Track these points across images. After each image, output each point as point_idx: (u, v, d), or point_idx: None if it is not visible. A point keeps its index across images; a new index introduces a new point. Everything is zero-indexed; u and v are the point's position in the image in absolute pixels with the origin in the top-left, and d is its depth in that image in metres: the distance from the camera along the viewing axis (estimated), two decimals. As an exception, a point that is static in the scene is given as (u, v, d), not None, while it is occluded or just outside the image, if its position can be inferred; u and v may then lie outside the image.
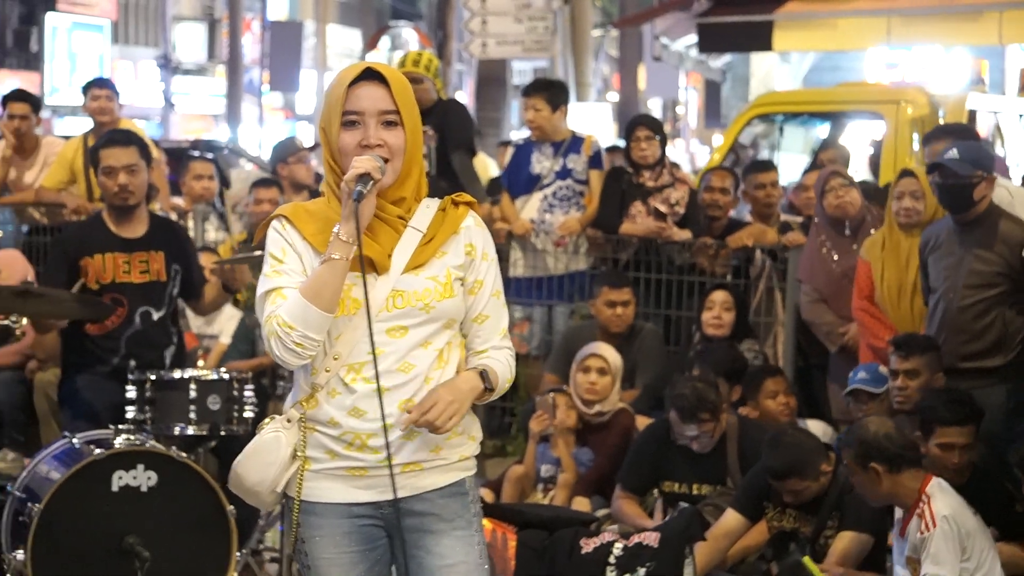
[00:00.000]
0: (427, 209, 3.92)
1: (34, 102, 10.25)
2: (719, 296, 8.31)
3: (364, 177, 3.75)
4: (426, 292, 3.87)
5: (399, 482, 3.88)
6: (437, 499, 3.96)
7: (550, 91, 9.41)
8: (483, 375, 3.92)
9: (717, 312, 8.24)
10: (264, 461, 3.90)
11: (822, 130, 12.99)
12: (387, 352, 3.85)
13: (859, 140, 12.11)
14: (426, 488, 3.95)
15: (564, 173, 9.26)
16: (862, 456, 5.85)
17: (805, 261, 8.09)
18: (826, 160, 10.74)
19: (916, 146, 10.93)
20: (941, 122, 10.48)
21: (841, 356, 7.75)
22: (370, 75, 3.85)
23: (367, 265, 3.81)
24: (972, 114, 11.14)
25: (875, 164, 11.25)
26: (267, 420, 3.98)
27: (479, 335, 3.99)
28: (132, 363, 6.67)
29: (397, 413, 3.86)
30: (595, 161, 9.30)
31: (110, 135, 7.14)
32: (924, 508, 5.76)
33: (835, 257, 7.88)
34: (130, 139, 6.98)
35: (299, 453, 3.90)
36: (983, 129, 11.24)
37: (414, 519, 3.95)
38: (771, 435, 6.54)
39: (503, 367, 3.98)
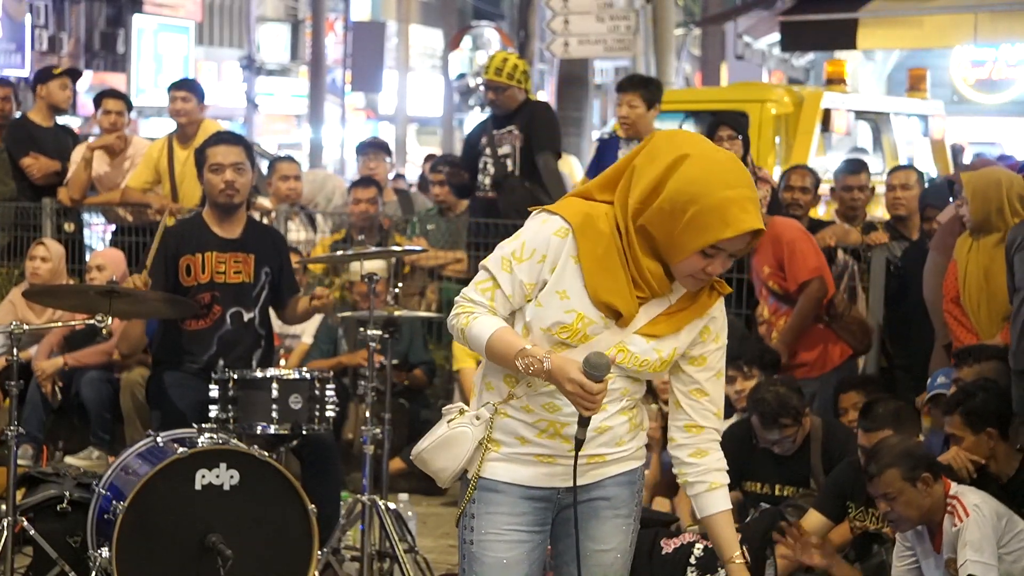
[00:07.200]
0: None
1: (127, 101, 10.40)
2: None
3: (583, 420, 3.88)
4: (645, 363, 3.98)
5: (582, 471, 4.02)
6: (611, 486, 4.12)
7: (647, 88, 9.21)
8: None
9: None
10: (451, 453, 4.04)
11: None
12: None
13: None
14: (605, 476, 4.09)
15: None
16: (912, 468, 5.61)
17: (947, 229, 7.60)
18: None
19: (778, 145, 10.84)
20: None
21: (947, 350, 7.54)
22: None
23: (609, 312, 3.89)
24: (827, 112, 10.96)
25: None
26: (456, 412, 4.08)
27: (692, 407, 4.12)
28: (221, 362, 6.72)
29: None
30: None
31: (218, 135, 7.19)
32: (955, 504, 5.62)
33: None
34: (238, 139, 7.06)
35: (486, 439, 4.02)
36: (840, 127, 11.10)
37: (584, 505, 4.08)
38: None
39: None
